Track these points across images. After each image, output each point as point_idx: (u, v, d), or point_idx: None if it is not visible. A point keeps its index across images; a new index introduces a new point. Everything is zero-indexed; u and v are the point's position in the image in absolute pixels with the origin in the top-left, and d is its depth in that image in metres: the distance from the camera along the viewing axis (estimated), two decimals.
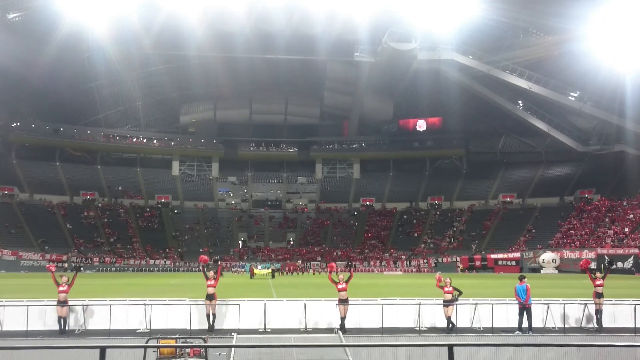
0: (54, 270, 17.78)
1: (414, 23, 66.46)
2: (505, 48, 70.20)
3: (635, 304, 17.97)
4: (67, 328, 16.92)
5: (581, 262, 19.29)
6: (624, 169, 73.11)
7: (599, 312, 17.77)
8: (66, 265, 65.84)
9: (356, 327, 17.83)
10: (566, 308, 18.24)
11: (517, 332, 17.26)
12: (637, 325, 17.66)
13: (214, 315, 17.43)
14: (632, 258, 57.96)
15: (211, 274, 17.81)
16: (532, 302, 17.91)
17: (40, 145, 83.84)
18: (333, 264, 20.62)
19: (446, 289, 17.80)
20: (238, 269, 65.32)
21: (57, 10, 60.61)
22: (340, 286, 17.53)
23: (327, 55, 75.00)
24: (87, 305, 17.88)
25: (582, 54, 63.58)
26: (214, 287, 17.49)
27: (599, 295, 17.75)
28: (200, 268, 18.01)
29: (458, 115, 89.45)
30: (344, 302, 17.38)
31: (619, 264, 58.30)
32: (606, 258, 55.97)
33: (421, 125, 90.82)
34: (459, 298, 18.06)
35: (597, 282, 17.80)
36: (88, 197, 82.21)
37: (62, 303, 16.71)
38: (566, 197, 78.96)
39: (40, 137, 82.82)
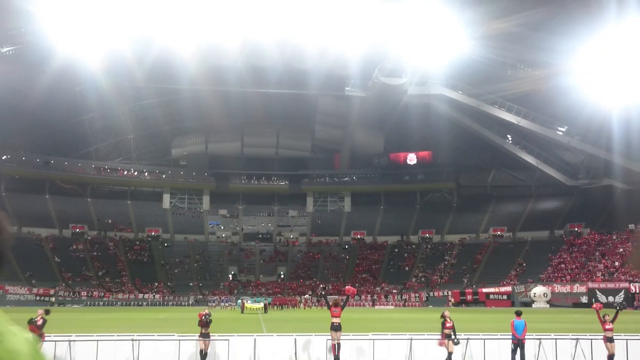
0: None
1: (404, 58, 67.49)
2: (494, 82, 71.32)
3: (627, 339, 17.90)
4: None
5: (594, 305, 18.64)
6: (612, 203, 73.62)
7: (611, 357, 17.12)
8: (53, 299, 64.85)
9: None
10: (558, 343, 18.12)
11: None
12: None
13: (206, 353, 17.13)
14: (622, 292, 57.95)
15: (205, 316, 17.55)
16: (525, 337, 17.75)
17: (30, 177, 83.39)
18: (353, 288, 19.93)
19: (447, 325, 17.55)
20: (224, 304, 63.68)
21: (50, 44, 61.03)
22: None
23: (319, 90, 75.82)
24: (74, 340, 17.56)
25: (570, 88, 64.67)
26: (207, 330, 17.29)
27: (610, 340, 17.16)
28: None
29: (448, 149, 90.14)
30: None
31: (610, 298, 58.25)
32: (616, 300, 56.31)
33: (412, 158, 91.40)
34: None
35: (607, 327, 17.09)
36: (77, 230, 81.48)
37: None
38: (556, 230, 79.24)
39: (30, 169, 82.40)
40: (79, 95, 75.30)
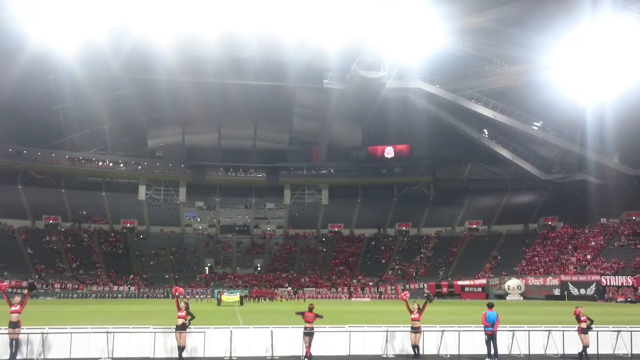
0: (3, 290, 16.74)
1: (383, 52, 67.66)
2: (471, 77, 71.98)
3: (597, 331, 18.25)
4: (17, 352, 16.22)
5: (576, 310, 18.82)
6: (585, 197, 74.95)
7: (585, 348, 17.43)
8: (25, 291, 63.82)
9: (323, 355, 17.67)
10: (531, 335, 18.41)
11: (487, 359, 17.30)
12: (599, 352, 17.93)
13: (184, 347, 16.82)
14: (594, 285, 59.14)
15: (182, 304, 17.18)
16: (498, 329, 18.00)
17: (2, 168, 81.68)
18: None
19: (413, 316, 17.77)
20: (198, 296, 62.95)
21: (23, 32, 59.72)
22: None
23: (297, 82, 75.57)
24: (47, 333, 17.31)
25: (545, 84, 65.53)
26: (185, 318, 16.88)
27: (583, 331, 17.51)
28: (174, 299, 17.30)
29: (425, 143, 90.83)
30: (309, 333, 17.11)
31: (582, 291, 59.44)
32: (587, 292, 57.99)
33: (389, 152, 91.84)
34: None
35: (582, 318, 17.50)
36: (51, 221, 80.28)
37: (14, 324, 16.06)
38: (530, 224, 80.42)
39: (2, 159, 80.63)
40: (52, 84, 73.86)
